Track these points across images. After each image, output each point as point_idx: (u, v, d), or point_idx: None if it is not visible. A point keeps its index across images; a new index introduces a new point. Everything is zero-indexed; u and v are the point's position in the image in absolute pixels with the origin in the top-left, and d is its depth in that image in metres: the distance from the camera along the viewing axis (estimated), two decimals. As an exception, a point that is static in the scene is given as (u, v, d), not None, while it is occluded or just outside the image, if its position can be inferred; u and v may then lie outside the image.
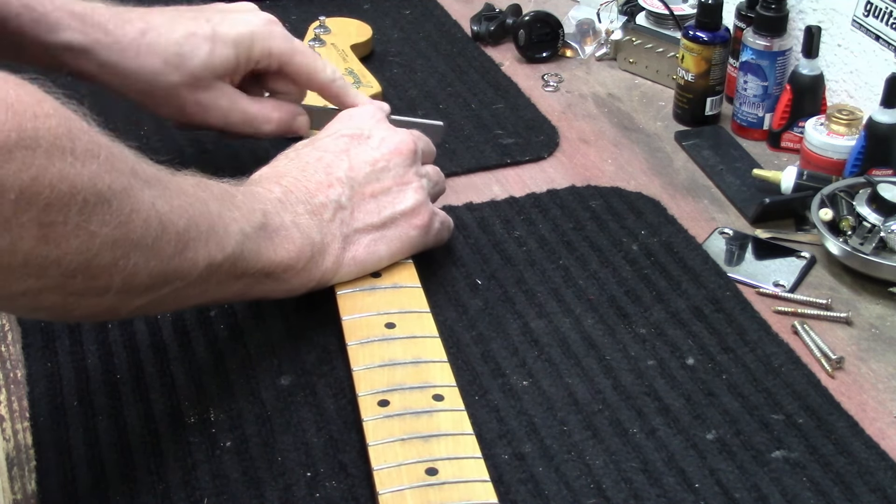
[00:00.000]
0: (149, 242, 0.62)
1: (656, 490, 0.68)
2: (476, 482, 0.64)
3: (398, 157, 0.81)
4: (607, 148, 1.06)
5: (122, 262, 0.60)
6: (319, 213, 0.77)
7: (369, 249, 0.78)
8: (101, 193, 0.58)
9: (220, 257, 0.68)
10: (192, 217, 0.66)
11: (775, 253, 0.92)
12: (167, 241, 0.63)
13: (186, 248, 0.65)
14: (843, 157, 0.97)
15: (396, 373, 0.72)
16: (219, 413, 0.73)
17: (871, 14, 1.01)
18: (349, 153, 0.80)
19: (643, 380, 0.77)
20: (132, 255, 0.61)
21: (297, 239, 0.74)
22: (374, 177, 0.80)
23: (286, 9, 1.30)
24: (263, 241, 0.72)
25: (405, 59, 1.20)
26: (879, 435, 0.73)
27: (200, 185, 0.70)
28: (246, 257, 0.70)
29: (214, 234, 0.68)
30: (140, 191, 0.61)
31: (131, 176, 0.61)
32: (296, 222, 0.75)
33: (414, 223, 0.80)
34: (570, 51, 1.23)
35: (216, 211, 0.69)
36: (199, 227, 0.66)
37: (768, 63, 1.05)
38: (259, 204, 0.73)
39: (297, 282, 0.75)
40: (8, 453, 0.72)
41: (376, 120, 0.84)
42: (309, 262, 0.75)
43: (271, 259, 0.72)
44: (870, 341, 0.82)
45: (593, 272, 0.87)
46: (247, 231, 0.71)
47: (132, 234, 0.61)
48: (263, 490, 0.68)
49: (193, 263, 0.66)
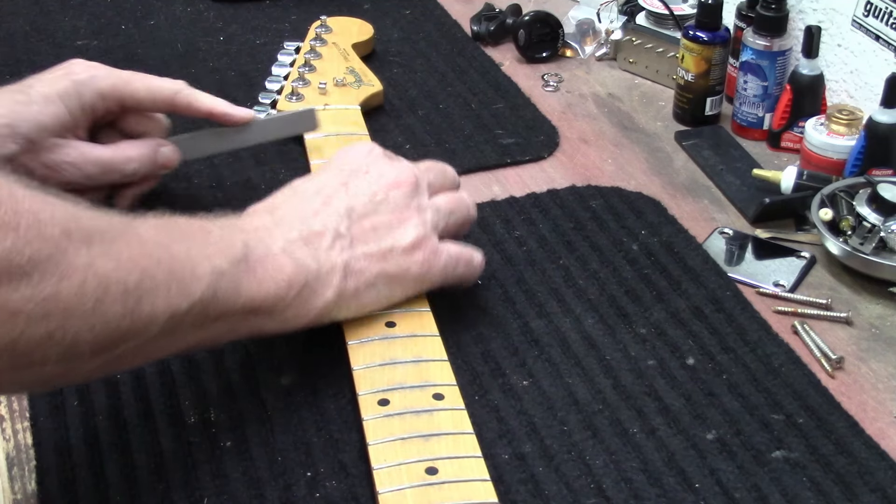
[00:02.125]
0: (88, 307, 0.58)
1: (656, 490, 0.68)
2: (476, 482, 0.64)
3: (397, 191, 0.78)
4: (607, 148, 1.06)
5: (59, 333, 0.57)
6: (315, 240, 0.73)
7: (370, 282, 0.74)
8: (18, 268, 0.54)
9: (186, 305, 0.64)
10: (146, 268, 0.62)
11: (775, 253, 0.92)
12: (112, 302, 0.59)
13: (140, 304, 0.61)
14: (843, 157, 0.97)
15: (396, 372, 0.72)
16: (219, 413, 0.73)
17: (871, 14, 1.01)
18: (348, 186, 0.77)
19: (643, 380, 0.77)
20: (69, 324, 0.57)
21: (288, 266, 0.71)
22: (373, 209, 0.76)
23: (286, 9, 1.30)
24: (244, 275, 0.68)
25: (405, 59, 1.20)
26: (879, 435, 0.73)
27: (165, 228, 0.67)
28: (220, 298, 0.66)
29: (177, 281, 0.64)
30: (74, 254, 0.58)
31: (62, 238, 0.57)
32: (287, 249, 0.72)
33: (413, 258, 0.76)
34: (570, 51, 1.23)
35: (182, 253, 0.65)
36: (155, 279, 0.62)
37: (768, 63, 1.05)
38: (240, 235, 0.70)
39: (290, 314, 0.71)
40: (8, 453, 0.72)
41: (374, 156, 0.81)
42: (303, 291, 0.71)
43: (254, 294, 0.68)
44: (870, 341, 0.82)
45: (593, 272, 0.87)
46: (222, 268, 0.67)
47: (64, 303, 0.57)
48: (263, 490, 0.68)
49: (151, 318, 0.62)
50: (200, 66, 1.17)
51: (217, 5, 1.30)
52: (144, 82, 0.88)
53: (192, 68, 1.16)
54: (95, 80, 0.87)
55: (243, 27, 1.26)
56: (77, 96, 0.86)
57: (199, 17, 1.28)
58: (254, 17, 1.28)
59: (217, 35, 1.24)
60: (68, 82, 0.86)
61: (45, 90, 0.85)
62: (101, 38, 1.23)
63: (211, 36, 1.24)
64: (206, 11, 1.29)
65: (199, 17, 1.28)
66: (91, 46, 1.21)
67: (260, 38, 1.23)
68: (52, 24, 1.25)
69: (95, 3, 1.30)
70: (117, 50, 1.20)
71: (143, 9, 1.29)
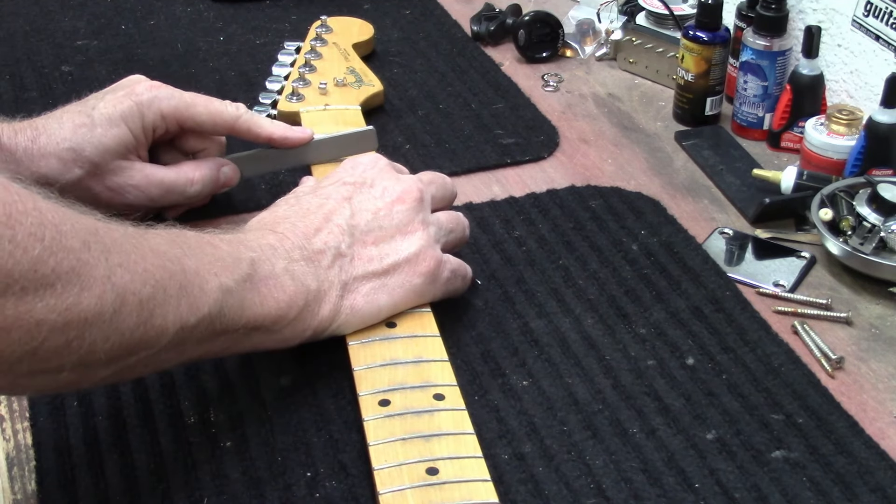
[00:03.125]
0: (105, 318, 0.59)
1: (656, 490, 0.68)
2: (477, 482, 0.64)
3: (401, 206, 0.78)
4: (607, 148, 1.06)
5: (77, 343, 0.57)
6: (317, 259, 0.74)
7: (368, 298, 0.75)
8: (44, 278, 0.55)
9: (194, 319, 0.65)
10: (160, 281, 0.63)
11: (775, 253, 0.92)
12: (127, 314, 0.60)
13: (152, 316, 0.62)
14: (843, 157, 0.97)
15: (397, 372, 0.72)
16: (219, 413, 0.73)
17: (871, 14, 1.01)
18: (351, 201, 0.77)
19: (643, 380, 0.77)
20: (87, 333, 0.58)
21: (290, 287, 0.71)
22: (377, 225, 0.76)
23: (286, 9, 1.30)
24: (248, 294, 0.69)
25: (405, 58, 1.20)
26: (879, 435, 0.73)
27: (176, 241, 0.67)
28: (226, 314, 0.67)
29: (187, 295, 0.64)
30: (94, 265, 0.58)
31: (83, 250, 0.58)
32: (289, 269, 0.72)
33: (418, 270, 0.76)
34: (570, 51, 1.23)
35: (192, 268, 0.66)
36: (167, 292, 0.63)
37: (768, 63, 1.05)
38: (247, 252, 0.71)
39: (289, 332, 0.72)
40: (8, 453, 0.72)
41: (380, 168, 0.81)
42: (303, 311, 0.72)
43: (256, 313, 0.69)
44: (870, 341, 0.82)
45: (593, 272, 0.87)
46: (228, 285, 0.67)
47: (84, 314, 0.57)
48: (263, 490, 0.68)
49: (162, 330, 0.63)
50: (200, 66, 1.17)
51: (217, 5, 1.30)
52: (206, 106, 0.88)
53: (192, 68, 1.17)
54: (157, 101, 0.87)
55: (243, 27, 1.26)
56: (139, 117, 0.86)
57: (199, 17, 1.28)
58: (254, 17, 1.28)
59: (217, 35, 1.24)
60: (131, 103, 0.86)
61: (107, 111, 0.85)
62: (101, 38, 1.23)
63: (211, 36, 1.24)
64: (206, 11, 1.29)
65: (199, 17, 1.28)
66: (91, 46, 1.21)
67: (260, 38, 1.23)
68: (52, 24, 1.25)
69: (95, 3, 1.30)
70: (117, 50, 1.20)
71: (143, 9, 1.29)
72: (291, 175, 0.96)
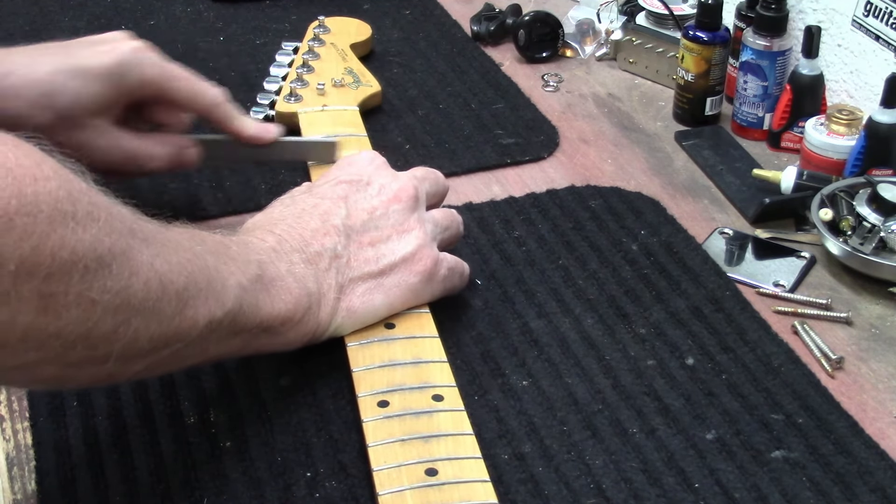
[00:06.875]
0: (149, 305, 0.59)
1: (656, 490, 0.68)
2: (476, 482, 0.64)
3: (397, 205, 0.77)
4: (607, 148, 1.06)
5: (123, 329, 0.58)
6: (315, 262, 0.73)
7: (364, 299, 0.74)
8: (101, 258, 0.55)
9: (220, 314, 0.65)
10: (191, 274, 0.63)
11: (775, 253, 0.92)
12: (167, 302, 0.60)
13: (186, 307, 0.62)
14: (843, 157, 0.97)
15: (396, 373, 0.72)
16: (219, 413, 0.73)
17: (871, 14, 1.01)
18: (347, 200, 0.77)
19: (643, 380, 0.77)
20: (133, 320, 0.58)
21: (294, 289, 0.71)
22: (373, 224, 0.76)
23: (286, 9, 1.30)
24: (261, 294, 0.69)
25: (405, 59, 1.20)
26: (879, 435, 0.73)
27: (195, 238, 0.67)
28: (245, 312, 0.67)
29: (213, 290, 0.64)
30: (139, 251, 0.59)
31: (129, 236, 0.58)
32: (291, 272, 0.72)
33: (415, 269, 0.76)
34: (570, 51, 1.23)
35: (213, 265, 0.66)
36: (198, 284, 0.63)
37: (768, 63, 1.05)
38: (254, 255, 0.70)
39: (293, 335, 0.72)
40: (8, 453, 0.72)
41: (375, 166, 0.80)
42: (307, 314, 0.72)
43: (269, 313, 0.69)
44: (870, 341, 0.82)
45: (593, 272, 0.87)
46: (244, 284, 0.67)
47: (133, 299, 0.58)
48: (263, 490, 0.68)
49: (194, 322, 0.63)
50: (200, 66, 1.16)
51: (217, 5, 1.30)
52: (188, 84, 0.86)
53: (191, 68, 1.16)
54: (141, 66, 0.83)
55: (243, 27, 1.26)
56: (119, 77, 0.82)
57: (199, 17, 1.28)
58: (254, 17, 1.28)
59: (217, 35, 1.24)
60: (115, 60, 0.82)
61: (89, 64, 0.81)
62: (100, 38, 1.22)
63: (211, 36, 1.24)
64: (206, 11, 1.29)
65: (199, 17, 1.28)
66: (91, 46, 1.21)
67: (260, 38, 1.23)
68: (52, 24, 1.25)
69: (95, 3, 1.30)
70: (117, 50, 1.20)
71: (143, 9, 1.29)
72: (291, 175, 0.96)
